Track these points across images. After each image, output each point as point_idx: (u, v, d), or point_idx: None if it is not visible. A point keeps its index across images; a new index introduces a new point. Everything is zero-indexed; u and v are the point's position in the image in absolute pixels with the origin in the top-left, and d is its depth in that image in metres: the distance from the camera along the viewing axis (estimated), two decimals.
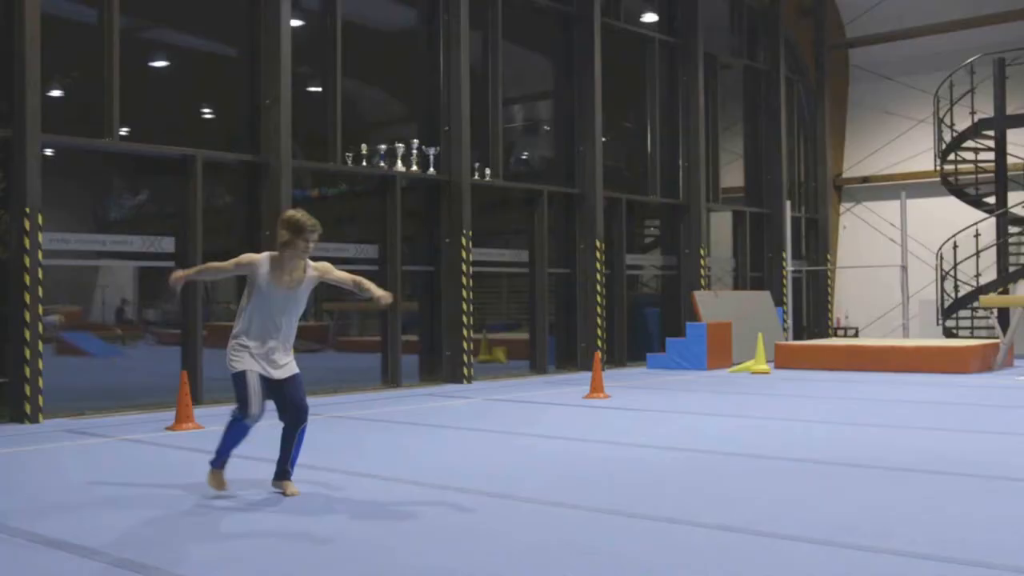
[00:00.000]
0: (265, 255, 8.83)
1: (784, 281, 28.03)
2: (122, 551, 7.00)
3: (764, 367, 22.08)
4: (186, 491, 9.23)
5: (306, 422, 8.87)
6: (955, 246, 26.28)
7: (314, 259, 8.95)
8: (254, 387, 8.63)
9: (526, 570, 6.51)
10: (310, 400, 15.81)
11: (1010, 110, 25.69)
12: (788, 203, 28.08)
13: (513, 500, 8.64)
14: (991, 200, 26.61)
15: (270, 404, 8.78)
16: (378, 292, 8.79)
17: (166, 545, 7.31)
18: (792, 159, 30.17)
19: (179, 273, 8.94)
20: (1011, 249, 26.81)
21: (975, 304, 25.85)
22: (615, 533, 7.48)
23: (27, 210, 14.19)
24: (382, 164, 19.23)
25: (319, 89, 18.76)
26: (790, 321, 27.29)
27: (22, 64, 14.32)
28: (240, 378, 8.65)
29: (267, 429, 9.19)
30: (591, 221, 22.77)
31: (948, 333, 26.82)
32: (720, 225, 28.70)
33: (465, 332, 19.79)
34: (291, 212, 8.86)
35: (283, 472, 8.94)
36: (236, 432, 8.80)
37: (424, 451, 11.71)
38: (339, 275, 9.06)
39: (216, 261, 9.19)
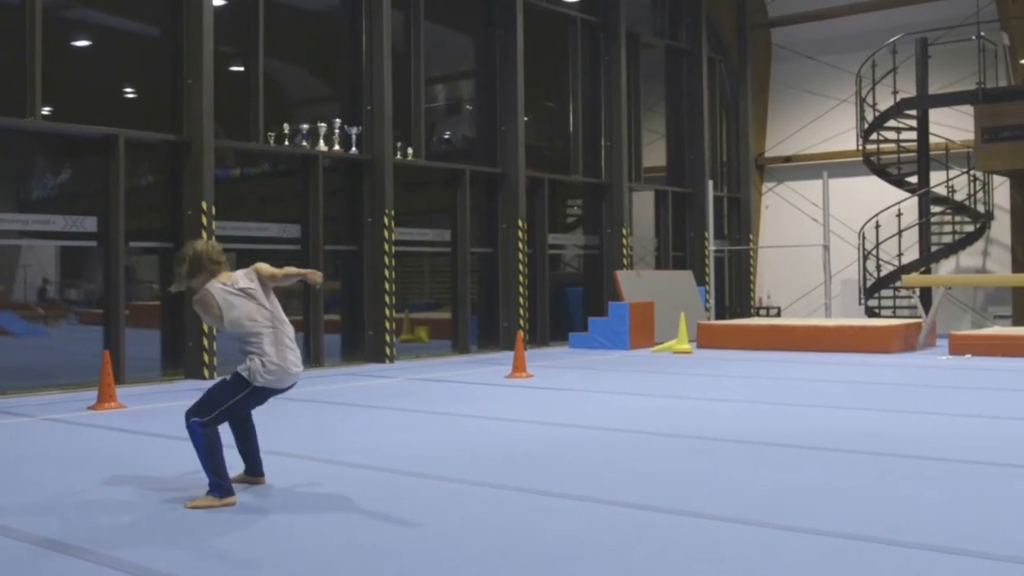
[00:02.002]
0: None
1: (706, 260, 28.44)
2: (45, 531, 7.13)
3: (686, 346, 22.36)
4: (106, 468, 9.44)
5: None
6: (877, 226, 26.89)
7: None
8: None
9: (453, 549, 6.62)
10: None
11: (932, 90, 26.15)
12: (710, 183, 28.51)
13: (436, 480, 8.77)
14: (913, 180, 26.99)
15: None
16: (305, 272, 8.34)
17: (89, 522, 7.43)
18: (714, 139, 30.66)
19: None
20: (933, 229, 27.25)
21: (897, 284, 26.19)
22: (538, 512, 7.62)
23: None
24: (304, 144, 19.66)
25: (241, 69, 19.19)
26: (712, 301, 27.67)
27: None
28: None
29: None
30: (513, 201, 23.23)
31: (870, 313, 27.22)
32: (642, 205, 29.10)
33: (387, 312, 20.26)
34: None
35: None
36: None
37: (347, 431, 11.93)
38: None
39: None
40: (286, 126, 19.39)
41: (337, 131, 20.03)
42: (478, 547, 6.70)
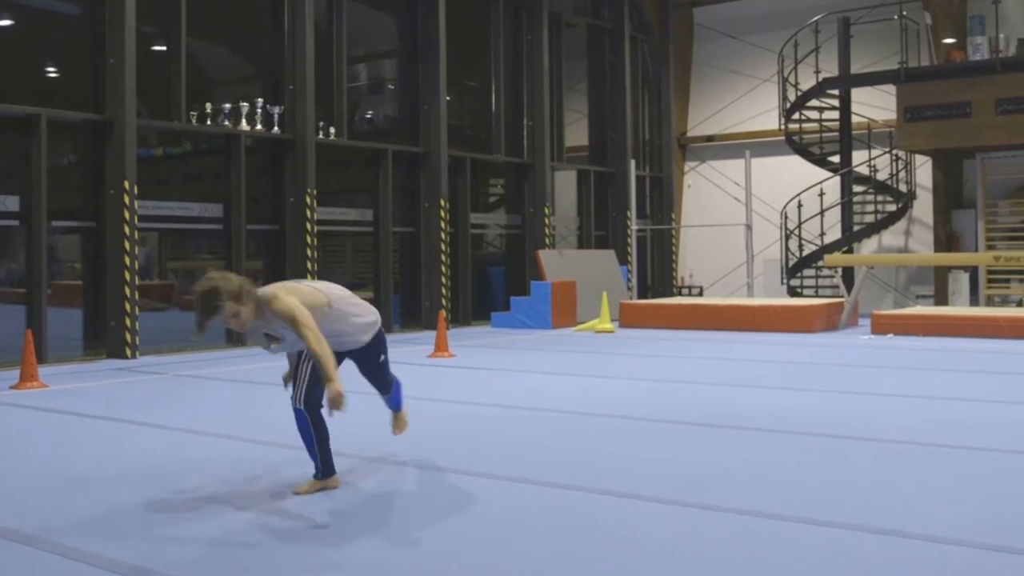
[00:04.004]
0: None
1: (629, 240, 28.82)
2: None
3: (609, 326, 22.67)
4: (29, 448, 9.72)
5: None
6: (799, 205, 27.47)
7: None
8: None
9: (380, 526, 6.79)
10: (156, 358, 16.69)
11: (854, 69, 26.70)
12: (633, 162, 28.82)
13: (360, 459, 8.84)
14: (835, 159, 27.60)
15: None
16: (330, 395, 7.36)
17: (10, 503, 7.56)
18: (637, 118, 30.99)
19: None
20: (855, 208, 27.83)
21: (819, 263, 26.78)
22: (460, 492, 7.70)
23: None
24: (227, 123, 20.00)
25: (164, 48, 19.48)
26: (634, 280, 28.08)
27: None
28: None
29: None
30: (436, 180, 23.59)
31: (792, 292, 27.70)
32: (565, 184, 29.55)
33: None
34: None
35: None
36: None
37: (271, 410, 11.81)
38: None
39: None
40: (208, 105, 19.72)
41: (259, 110, 20.38)
42: (400, 525, 6.83)
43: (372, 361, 8.18)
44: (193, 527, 6.81)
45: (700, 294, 31.15)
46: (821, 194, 27.21)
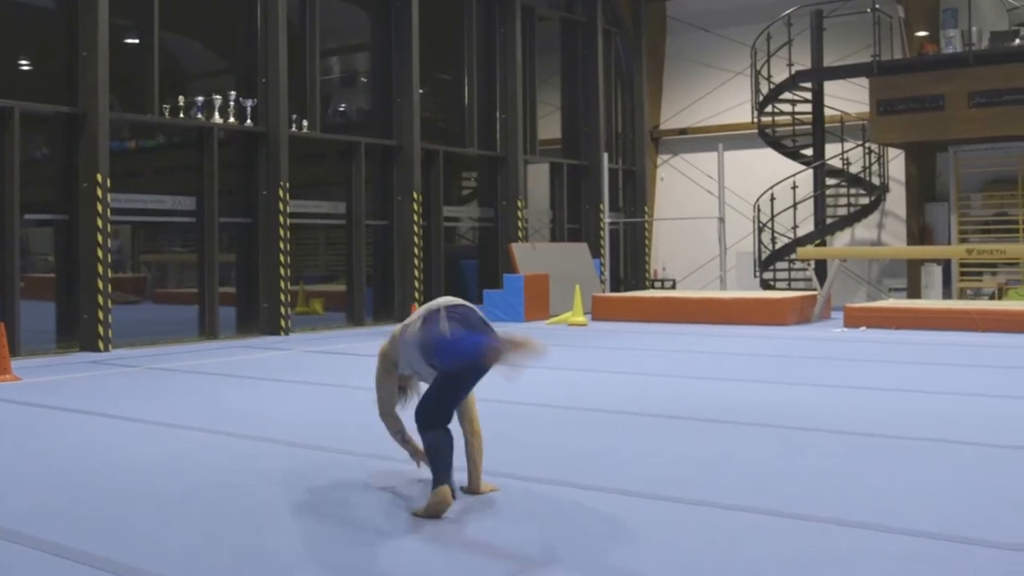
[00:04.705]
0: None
1: (601, 233, 29.00)
2: None
3: (581, 319, 22.71)
4: (6, 440, 9.76)
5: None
6: (772, 198, 27.52)
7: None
8: None
9: (352, 515, 6.86)
10: (128, 351, 16.71)
11: (827, 62, 26.77)
12: (605, 155, 29.06)
13: (330, 452, 8.93)
14: (808, 152, 27.66)
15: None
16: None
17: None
18: (610, 111, 31.08)
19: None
20: (828, 201, 27.85)
21: (792, 256, 26.70)
22: (421, 486, 7.54)
23: None
24: (199, 116, 20.10)
25: (137, 41, 19.59)
26: (607, 273, 28.08)
27: None
28: None
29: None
30: (409, 173, 23.70)
31: (765, 285, 27.77)
32: (537, 177, 29.59)
33: (282, 284, 20.74)
34: None
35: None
36: None
37: (241, 403, 12.09)
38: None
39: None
40: (181, 98, 19.84)
41: (232, 103, 20.48)
42: (369, 518, 6.83)
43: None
44: (172, 521, 6.84)
45: (673, 287, 31.30)
46: (794, 187, 27.26)
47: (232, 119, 20.47)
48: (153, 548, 6.26)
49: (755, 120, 27.96)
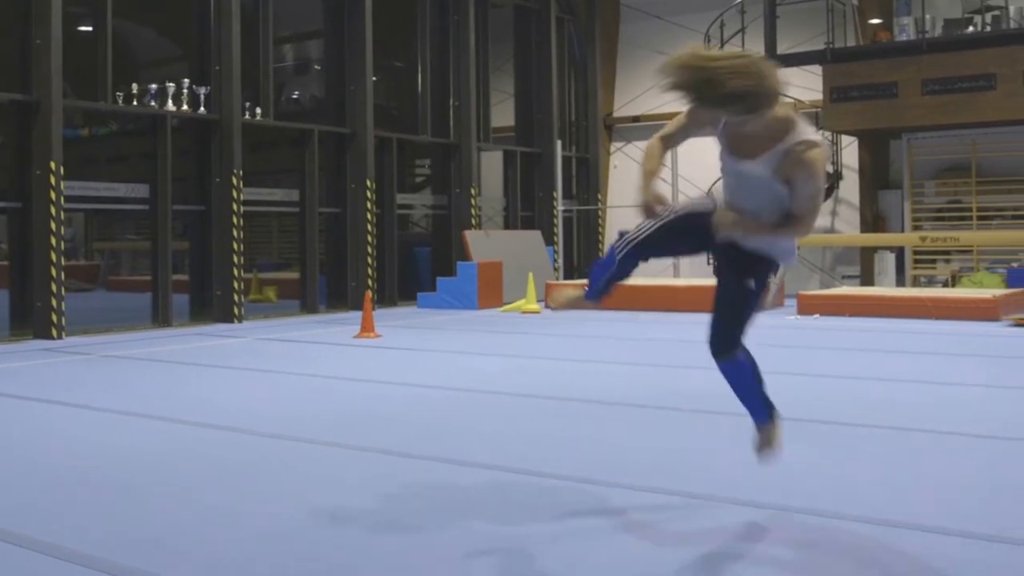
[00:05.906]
0: None
1: (555, 220, 29.15)
2: None
3: (535, 306, 22.81)
4: None
5: (718, 358, 7.02)
6: None
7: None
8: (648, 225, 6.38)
9: (312, 504, 6.89)
10: (82, 339, 16.85)
11: (781, 50, 26.51)
12: (559, 143, 29.09)
13: (287, 440, 9.01)
14: None
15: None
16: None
17: None
18: (563, 99, 31.20)
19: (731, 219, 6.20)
20: None
21: None
22: (394, 473, 7.77)
23: None
24: (153, 104, 20.27)
25: (90, 28, 19.78)
26: (561, 260, 28.48)
27: None
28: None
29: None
30: (362, 160, 23.89)
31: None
32: (491, 165, 29.85)
33: (236, 271, 20.89)
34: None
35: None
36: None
37: (195, 390, 12.21)
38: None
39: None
40: (135, 86, 19.99)
41: (186, 91, 20.62)
42: (323, 506, 6.86)
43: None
44: (132, 511, 6.90)
45: None
46: None
47: (185, 107, 20.61)
48: (120, 536, 6.32)
49: None
